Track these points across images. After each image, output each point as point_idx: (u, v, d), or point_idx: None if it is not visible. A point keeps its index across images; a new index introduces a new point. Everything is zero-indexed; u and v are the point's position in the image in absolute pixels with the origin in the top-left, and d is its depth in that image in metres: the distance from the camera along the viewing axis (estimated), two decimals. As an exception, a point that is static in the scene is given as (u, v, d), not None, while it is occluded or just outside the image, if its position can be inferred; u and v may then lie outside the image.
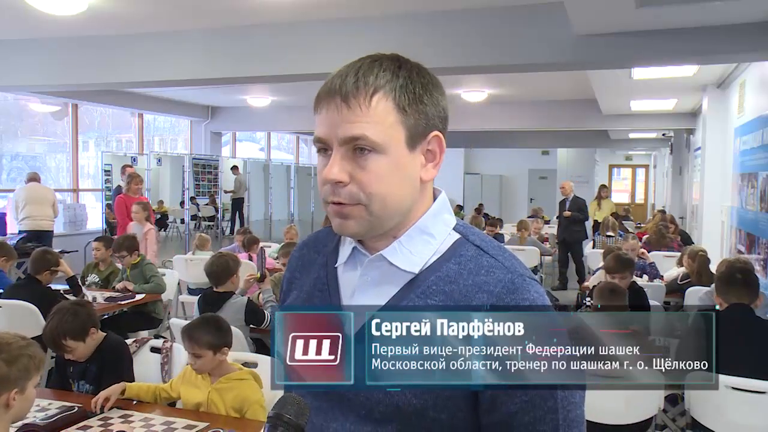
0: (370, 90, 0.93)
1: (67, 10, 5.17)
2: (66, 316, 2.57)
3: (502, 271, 0.95)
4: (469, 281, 0.95)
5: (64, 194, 10.39)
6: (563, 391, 0.91)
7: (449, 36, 5.26)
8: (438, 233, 1.00)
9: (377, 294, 0.98)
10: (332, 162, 0.94)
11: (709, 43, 4.70)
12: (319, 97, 0.97)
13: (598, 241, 8.32)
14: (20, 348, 1.89)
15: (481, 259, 0.97)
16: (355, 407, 0.95)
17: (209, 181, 12.82)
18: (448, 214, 1.03)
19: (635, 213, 17.37)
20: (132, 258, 4.92)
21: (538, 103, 11.31)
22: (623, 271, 4.03)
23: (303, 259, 1.12)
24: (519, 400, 0.90)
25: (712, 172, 8.09)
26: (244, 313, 3.67)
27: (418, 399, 0.91)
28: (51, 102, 10.18)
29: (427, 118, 0.96)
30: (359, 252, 1.02)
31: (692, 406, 2.85)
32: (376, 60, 0.96)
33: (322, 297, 1.04)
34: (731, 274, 3.17)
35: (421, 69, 0.98)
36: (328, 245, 1.09)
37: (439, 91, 0.99)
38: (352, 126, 0.92)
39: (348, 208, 0.95)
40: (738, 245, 6.47)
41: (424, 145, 0.97)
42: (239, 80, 6.81)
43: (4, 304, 4.07)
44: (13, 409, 1.85)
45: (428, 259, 0.98)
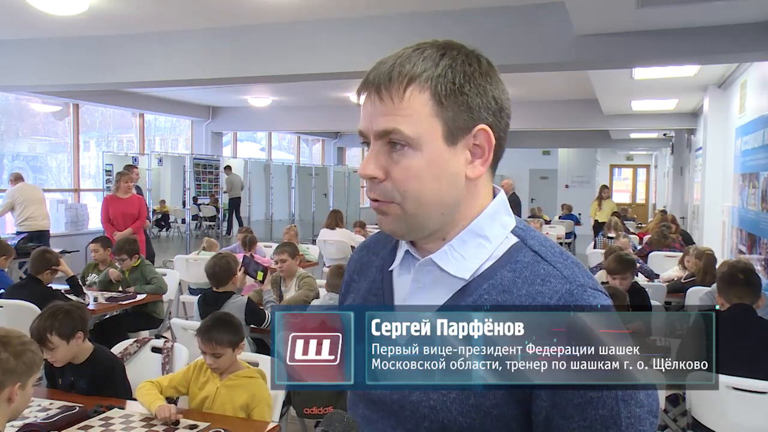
0: (405, 80, 0.87)
1: (68, 10, 5.17)
2: (59, 313, 2.57)
3: (560, 281, 0.87)
4: (523, 291, 0.88)
5: (65, 194, 10.40)
6: (629, 418, 0.82)
7: (450, 36, 5.15)
8: (494, 236, 0.93)
9: (428, 301, 0.93)
10: (368, 157, 0.90)
11: (710, 43, 4.69)
12: (360, 87, 0.92)
13: (600, 242, 8.32)
14: (24, 344, 1.90)
15: (537, 267, 0.89)
16: (402, 420, 0.91)
17: (210, 181, 12.83)
18: (506, 216, 0.95)
19: (636, 213, 17.36)
20: (132, 261, 4.92)
21: (539, 103, 11.31)
22: (624, 272, 4.01)
23: (361, 262, 1.09)
24: (577, 425, 0.82)
25: (713, 172, 8.09)
26: (244, 313, 3.67)
27: (465, 418, 0.86)
28: (52, 102, 10.19)
29: (471, 110, 0.89)
30: (410, 255, 0.97)
31: (693, 406, 2.85)
32: (420, 48, 0.90)
33: (376, 301, 1.00)
34: (733, 274, 3.16)
35: (469, 56, 0.91)
36: (387, 247, 1.05)
37: (489, 80, 0.91)
38: (385, 119, 0.88)
39: (384, 206, 0.91)
40: (739, 245, 6.47)
41: (469, 139, 0.90)
42: (240, 80, 6.82)
43: (5, 304, 4.07)
44: (14, 404, 1.86)
45: (482, 264, 0.91)
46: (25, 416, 2.27)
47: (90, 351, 2.65)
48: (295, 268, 4.48)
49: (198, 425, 2.23)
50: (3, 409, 1.83)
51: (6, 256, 4.76)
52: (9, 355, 1.83)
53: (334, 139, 17.54)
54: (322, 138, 17.44)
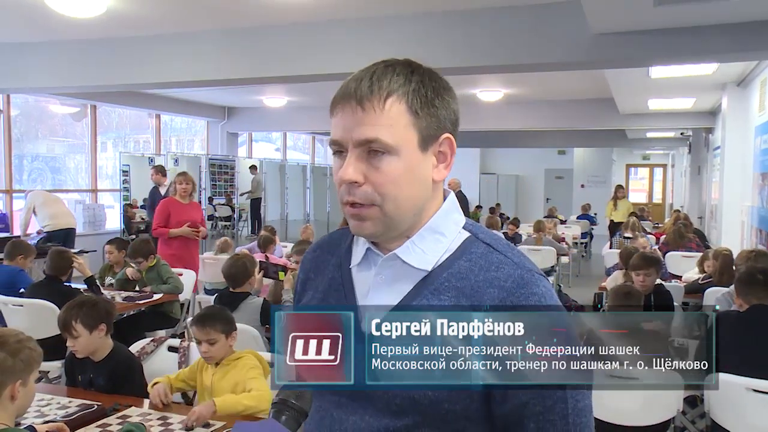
0: (384, 93, 0.96)
1: (85, 12, 5.23)
2: (85, 303, 2.68)
3: (512, 267, 0.98)
4: (480, 277, 0.98)
5: (83, 195, 10.52)
6: None
7: (465, 35, 5.25)
8: (449, 232, 1.03)
9: (391, 292, 1.01)
10: (347, 163, 0.97)
11: (728, 41, 4.64)
12: (335, 100, 1.00)
13: (616, 242, 8.26)
14: (20, 341, 1.93)
15: (491, 256, 1.00)
16: (373, 400, 0.98)
17: (225, 182, 12.90)
18: (457, 214, 1.06)
19: (653, 213, 17.20)
20: (148, 262, 4.96)
21: (555, 102, 11.25)
22: (648, 267, 4.02)
23: (317, 261, 1.15)
24: (530, 391, 0.93)
25: (731, 172, 7.99)
26: (260, 314, 3.69)
27: (434, 391, 0.94)
28: (70, 103, 10.30)
29: (439, 121, 1.00)
30: (373, 252, 1.05)
31: (712, 408, 2.81)
32: (390, 65, 1.00)
33: (337, 297, 1.06)
34: (752, 274, 3.13)
35: (432, 74, 1.01)
36: (342, 246, 1.12)
37: (450, 94, 1.02)
38: (367, 128, 0.96)
39: (364, 210, 0.98)
40: (758, 245, 6.39)
41: (436, 146, 1.01)
42: (255, 81, 6.85)
43: (25, 303, 4.13)
44: (17, 402, 1.89)
45: (440, 257, 1.01)
46: (45, 414, 2.30)
47: (110, 348, 2.70)
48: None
49: (213, 424, 2.24)
50: (7, 407, 1.86)
51: (24, 256, 4.80)
52: (6, 355, 1.86)
53: (348, 140, 17.55)
54: (337, 138, 17.45)
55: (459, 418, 0.96)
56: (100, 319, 2.64)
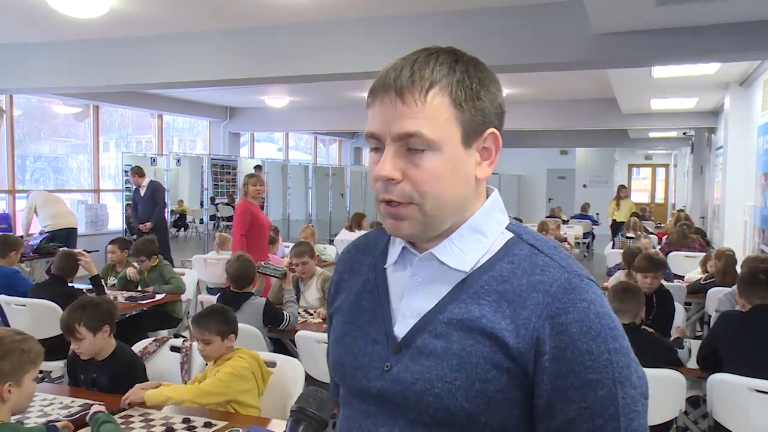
0: (426, 84, 0.89)
1: (88, 12, 5.23)
2: (88, 305, 2.68)
3: (558, 270, 0.90)
4: (523, 281, 0.90)
5: (86, 195, 10.53)
6: (624, 398, 0.86)
7: (467, 35, 5.24)
8: (490, 232, 0.96)
9: (427, 295, 0.95)
10: (384, 158, 0.90)
11: (730, 41, 4.63)
12: (373, 90, 0.93)
13: (618, 242, 8.24)
14: (13, 342, 1.92)
15: (535, 258, 0.92)
16: (404, 411, 0.92)
17: (228, 182, 12.91)
18: (500, 213, 0.98)
19: (655, 213, 17.18)
20: (151, 261, 4.97)
21: (557, 102, 11.24)
22: (655, 270, 3.98)
23: (351, 261, 1.10)
24: (577, 406, 0.85)
25: (734, 171, 7.98)
26: (262, 315, 3.69)
27: (470, 403, 0.88)
28: (73, 104, 10.33)
29: (484, 115, 0.92)
30: (409, 252, 0.99)
31: (715, 408, 2.81)
32: (433, 53, 0.92)
33: (371, 298, 1.01)
34: (754, 274, 3.11)
35: (478, 63, 0.94)
36: (377, 247, 1.06)
37: (496, 86, 0.95)
38: (407, 122, 0.89)
39: (402, 209, 0.91)
40: (761, 245, 6.37)
41: (480, 142, 0.93)
42: (257, 81, 6.84)
43: (28, 303, 4.14)
44: (9, 402, 1.89)
45: (480, 258, 0.94)
46: (48, 413, 2.31)
47: (113, 348, 2.72)
48: (314, 267, 4.51)
49: (215, 424, 2.24)
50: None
51: (17, 250, 4.80)
52: None
53: (350, 139, 17.57)
54: (339, 138, 17.48)
55: None
56: (103, 321, 2.64)
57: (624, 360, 0.87)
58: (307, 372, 3.02)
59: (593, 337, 0.85)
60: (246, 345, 3.16)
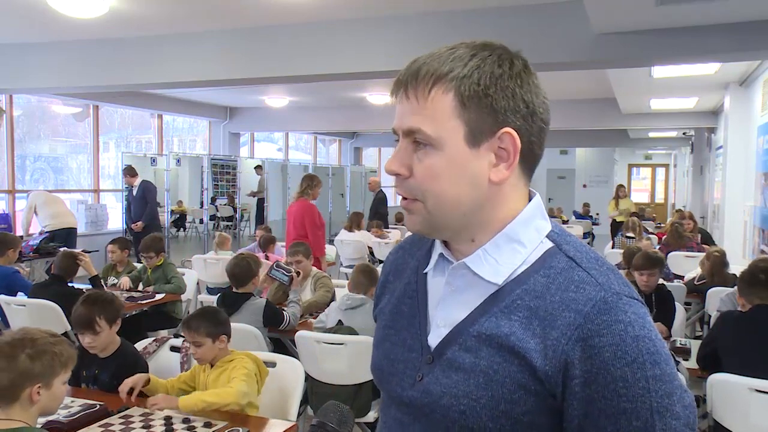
0: (430, 80, 0.87)
1: (88, 13, 5.23)
2: (101, 299, 2.73)
3: (594, 288, 0.84)
4: (556, 297, 0.85)
5: (86, 195, 10.53)
6: (664, 430, 0.80)
7: (468, 35, 5.17)
8: (529, 241, 0.90)
9: (460, 304, 0.92)
10: (394, 153, 0.91)
11: (730, 41, 4.63)
12: (393, 85, 0.93)
13: (618, 242, 8.24)
14: (46, 344, 1.90)
15: (571, 273, 0.86)
16: (434, 424, 0.90)
17: (227, 182, 12.92)
18: (541, 220, 0.93)
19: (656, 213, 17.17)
20: (157, 259, 4.98)
21: (557, 102, 11.23)
22: (652, 267, 4.01)
23: (397, 263, 1.09)
24: (612, 421, 0.80)
25: (734, 171, 7.98)
26: (262, 315, 3.69)
27: (495, 423, 0.84)
28: (72, 104, 10.33)
29: (495, 113, 0.86)
30: (444, 259, 0.97)
31: (714, 408, 2.81)
32: (454, 47, 0.89)
33: (411, 304, 1.00)
34: (754, 274, 3.11)
35: (502, 57, 0.88)
36: (422, 248, 1.04)
37: (519, 83, 0.88)
38: (410, 118, 0.88)
39: (410, 205, 0.91)
40: (761, 245, 6.38)
41: (494, 142, 0.87)
42: (257, 81, 6.85)
43: (27, 303, 4.14)
44: (38, 404, 1.87)
45: (516, 269, 0.89)
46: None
47: (117, 345, 2.74)
48: (309, 267, 4.50)
49: (215, 424, 2.24)
50: (25, 409, 1.84)
51: (14, 248, 4.83)
52: (25, 357, 1.84)
53: (350, 139, 17.57)
54: (339, 138, 17.48)
55: None
56: (118, 314, 2.71)
57: (665, 388, 0.80)
58: (307, 372, 3.02)
59: (629, 362, 0.79)
60: (246, 345, 3.16)
